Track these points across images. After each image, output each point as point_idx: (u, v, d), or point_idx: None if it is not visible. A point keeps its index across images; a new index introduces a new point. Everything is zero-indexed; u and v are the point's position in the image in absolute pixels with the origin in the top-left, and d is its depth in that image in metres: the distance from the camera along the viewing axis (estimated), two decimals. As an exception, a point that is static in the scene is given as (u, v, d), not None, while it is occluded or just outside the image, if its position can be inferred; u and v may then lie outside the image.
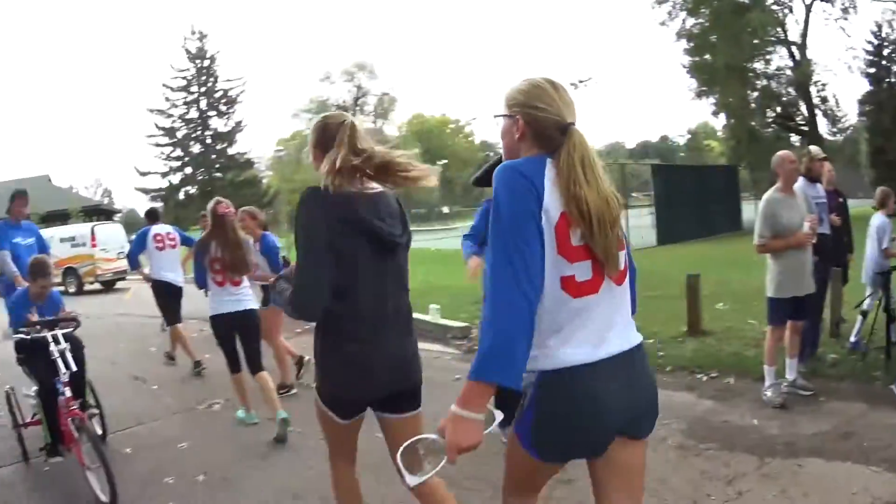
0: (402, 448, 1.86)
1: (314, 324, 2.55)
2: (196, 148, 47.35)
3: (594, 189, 1.75)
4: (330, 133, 2.45)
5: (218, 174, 46.72)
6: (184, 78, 47.11)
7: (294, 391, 6.11)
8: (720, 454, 4.13)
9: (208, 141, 47.52)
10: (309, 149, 2.56)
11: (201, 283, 5.19)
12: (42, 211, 4.60)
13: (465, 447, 1.67)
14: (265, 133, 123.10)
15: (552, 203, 1.74)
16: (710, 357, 6.20)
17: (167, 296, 7.49)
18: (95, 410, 4.94)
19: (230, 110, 48.14)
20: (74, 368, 4.28)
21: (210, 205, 5.18)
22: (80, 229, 19.68)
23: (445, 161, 56.39)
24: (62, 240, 18.27)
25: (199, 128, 47.37)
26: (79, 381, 4.56)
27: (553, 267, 1.76)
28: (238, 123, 48.27)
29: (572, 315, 1.78)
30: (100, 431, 4.95)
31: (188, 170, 47.45)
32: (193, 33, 47.05)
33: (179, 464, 4.64)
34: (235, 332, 5.19)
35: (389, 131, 58.84)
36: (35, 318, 4.60)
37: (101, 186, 75.45)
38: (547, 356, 1.79)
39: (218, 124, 48.11)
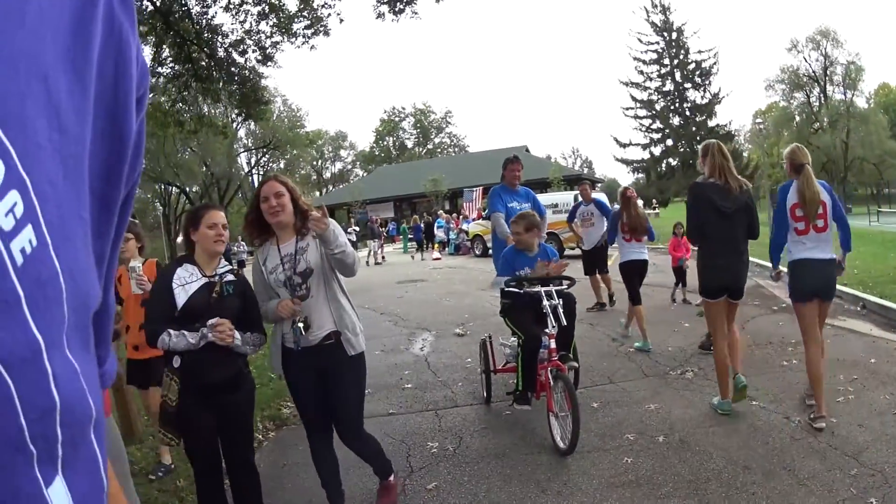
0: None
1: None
2: (676, 120, 47.57)
3: (810, 191, 4.43)
4: (704, 151, 4.89)
5: (699, 147, 46.13)
6: (654, 51, 47.93)
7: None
8: None
9: (687, 113, 47.24)
10: (700, 157, 4.97)
11: (612, 239, 7.91)
12: (521, 179, 5.32)
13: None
14: (743, 104, 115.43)
15: (791, 197, 4.51)
16: None
17: (597, 253, 9.53)
18: (575, 364, 5.13)
19: (705, 82, 47.28)
20: (565, 323, 4.57)
21: (620, 189, 7.79)
22: (562, 197, 20.06)
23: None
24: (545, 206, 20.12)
25: (677, 100, 47.52)
26: (567, 335, 4.83)
27: (791, 224, 4.52)
28: (715, 95, 47.11)
29: (799, 242, 4.52)
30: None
31: (669, 142, 47.96)
32: (655, 6, 47.47)
33: (643, 423, 4.73)
34: (636, 274, 7.40)
35: (859, 103, 51.82)
36: (543, 270, 4.91)
37: (579, 156, 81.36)
38: (792, 257, 4.59)
39: (695, 96, 47.79)
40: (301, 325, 3.23)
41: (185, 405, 3.08)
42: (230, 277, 3.23)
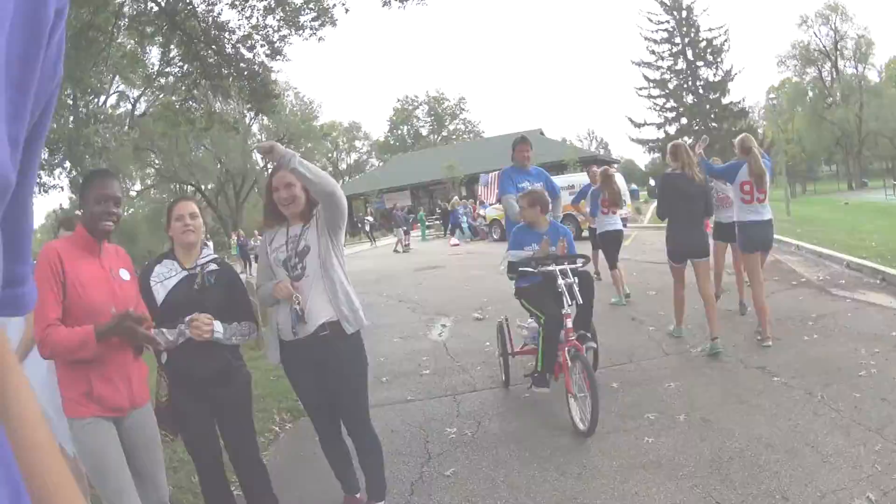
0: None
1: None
2: (689, 99, 47.29)
3: (758, 167, 6.02)
4: (673, 151, 6.21)
5: (714, 124, 45.84)
6: (665, 30, 47.67)
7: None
8: None
9: (700, 91, 46.96)
10: (669, 155, 6.27)
11: (594, 212, 8.98)
12: (536, 162, 5.30)
13: None
14: (757, 80, 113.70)
15: (742, 175, 6.09)
16: None
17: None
18: (593, 345, 5.09)
19: (717, 59, 47.12)
20: (581, 301, 4.52)
21: (600, 169, 9.27)
22: (578, 178, 18.98)
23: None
24: (561, 188, 19.59)
25: (689, 78, 47.25)
26: (585, 314, 4.79)
27: (739, 195, 6.16)
28: (727, 72, 46.94)
29: (745, 209, 6.13)
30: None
31: (683, 120, 47.70)
32: (664, -16, 47.18)
33: (663, 402, 4.67)
34: (614, 241, 8.78)
35: (871, 77, 51.74)
36: (547, 249, 4.85)
37: (594, 137, 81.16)
38: (741, 219, 6.19)
39: (707, 74, 47.64)
40: (298, 307, 3.09)
41: (177, 401, 3.04)
42: (213, 267, 3.16)
